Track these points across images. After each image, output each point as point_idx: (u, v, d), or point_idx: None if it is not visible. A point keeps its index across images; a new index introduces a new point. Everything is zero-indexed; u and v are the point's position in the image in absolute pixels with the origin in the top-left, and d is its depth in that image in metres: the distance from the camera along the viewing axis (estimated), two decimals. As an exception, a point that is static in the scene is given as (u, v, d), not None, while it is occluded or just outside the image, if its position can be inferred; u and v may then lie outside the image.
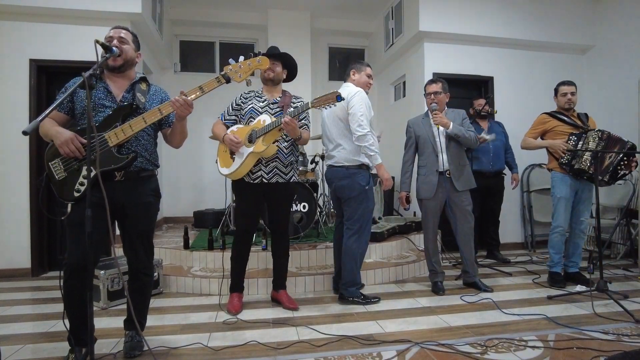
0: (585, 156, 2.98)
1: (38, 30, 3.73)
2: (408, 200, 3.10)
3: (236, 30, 5.72)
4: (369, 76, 2.86)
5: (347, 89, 2.74)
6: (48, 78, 3.89)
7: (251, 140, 2.48)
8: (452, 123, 2.93)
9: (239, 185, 2.64)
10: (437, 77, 3.18)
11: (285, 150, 2.61)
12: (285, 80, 2.78)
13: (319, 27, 5.78)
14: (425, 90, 3.11)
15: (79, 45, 3.71)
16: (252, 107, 2.62)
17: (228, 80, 1.98)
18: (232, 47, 5.80)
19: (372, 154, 2.63)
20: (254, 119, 2.57)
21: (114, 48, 1.81)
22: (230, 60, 2.04)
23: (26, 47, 3.70)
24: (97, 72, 1.68)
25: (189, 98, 1.87)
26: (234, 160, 2.54)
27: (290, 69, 2.77)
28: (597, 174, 2.85)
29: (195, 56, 5.77)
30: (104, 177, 1.71)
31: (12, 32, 3.69)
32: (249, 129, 2.52)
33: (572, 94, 3.21)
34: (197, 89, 1.91)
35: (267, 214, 2.86)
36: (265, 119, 2.49)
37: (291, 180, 2.68)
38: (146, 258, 2.04)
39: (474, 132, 3.03)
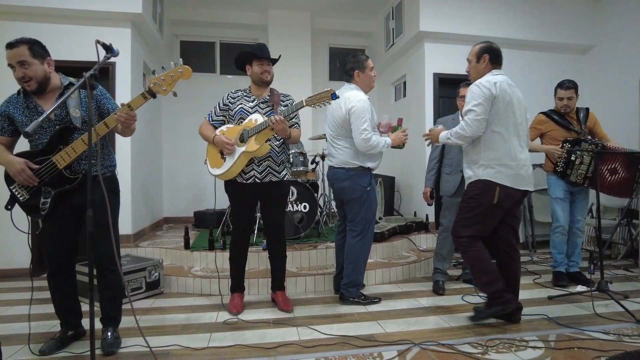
0: (580, 170, 3.04)
1: (38, 31, 3.69)
2: (432, 196, 3.13)
3: (236, 30, 5.72)
4: (372, 69, 2.78)
5: (349, 95, 2.65)
6: (48, 78, 3.88)
7: (243, 139, 2.45)
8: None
9: (231, 187, 2.59)
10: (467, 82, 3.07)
11: (277, 149, 2.58)
12: None
13: (319, 27, 5.78)
14: (458, 93, 3.22)
15: (80, 45, 3.70)
16: (242, 107, 2.57)
17: (154, 96, 1.93)
18: (232, 47, 5.79)
19: (385, 149, 2.69)
20: (245, 119, 2.53)
21: (114, 48, 1.80)
22: (154, 70, 1.95)
23: (26, 47, 3.69)
24: (97, 72, 1.68)
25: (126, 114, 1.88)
26: (225, 161, 2.50)
27: None
28: (597, 173, 2.86)
29: (195, 56, 5.75)
30: (64, 188, 1.96)
31: (13, 33, 3.66)
32: (240, 128, 2.49)
33: (569, 98, 3.15)
34: (126, 106, 1.88)
35: (262, 214, 2.84)
36: (257, 118, 2.46)
37: (285, 179, 2.66)
38: (110, 251, 1.89)
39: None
